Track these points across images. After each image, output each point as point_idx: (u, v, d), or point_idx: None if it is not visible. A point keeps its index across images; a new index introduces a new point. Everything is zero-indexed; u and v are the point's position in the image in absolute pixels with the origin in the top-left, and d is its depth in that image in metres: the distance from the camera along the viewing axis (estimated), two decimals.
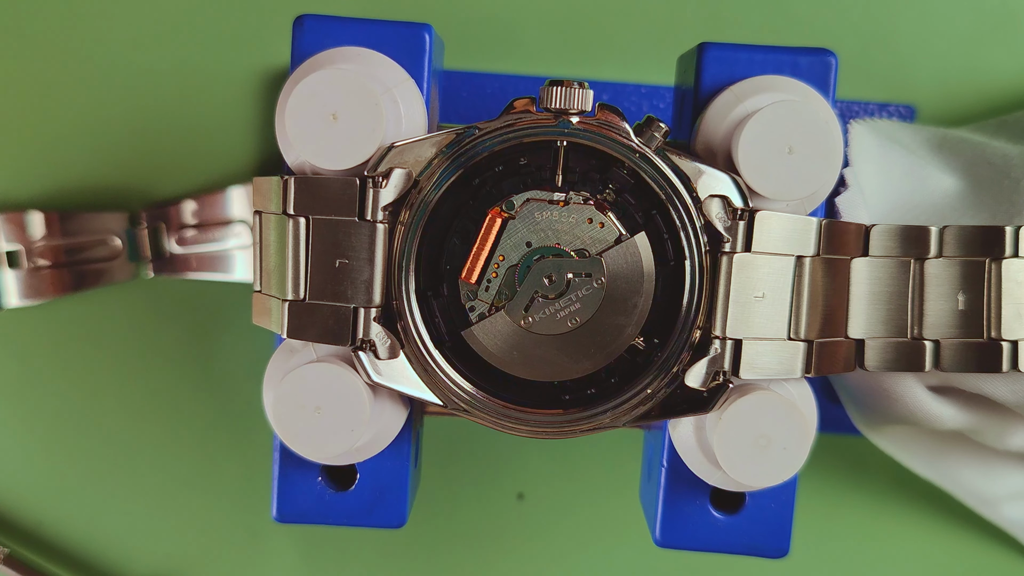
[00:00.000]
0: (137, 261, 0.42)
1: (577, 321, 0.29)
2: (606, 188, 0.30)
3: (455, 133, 0.29)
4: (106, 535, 0.43)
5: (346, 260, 0.29)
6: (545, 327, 0.30)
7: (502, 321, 0.30)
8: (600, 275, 0.29)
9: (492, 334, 0.30)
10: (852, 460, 0.43)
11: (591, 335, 0.30)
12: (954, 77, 0.41)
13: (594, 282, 0.29)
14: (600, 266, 0.29)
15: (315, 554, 0.43)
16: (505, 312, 0.29)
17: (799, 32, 0.41)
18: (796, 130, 0.29)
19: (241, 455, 0.43)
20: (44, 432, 0.43)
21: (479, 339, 0.30)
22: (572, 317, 0.29)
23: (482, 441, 0.43)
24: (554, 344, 0.30)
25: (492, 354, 0.30)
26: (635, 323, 0.30)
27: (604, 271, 0.29)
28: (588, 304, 0.29)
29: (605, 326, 0.30)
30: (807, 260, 0.30)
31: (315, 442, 0.30)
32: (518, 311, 0.29)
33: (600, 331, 0.30)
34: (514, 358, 0.30)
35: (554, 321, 0.29)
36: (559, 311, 0.29)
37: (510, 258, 0.30)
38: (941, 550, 0.43)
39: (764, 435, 0.29)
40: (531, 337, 0.30)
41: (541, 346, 0.30)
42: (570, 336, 0.30)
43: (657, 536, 0.32)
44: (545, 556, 0.44)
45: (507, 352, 0.30)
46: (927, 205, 0.34)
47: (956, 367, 0.31)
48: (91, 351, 0.43)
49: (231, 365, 0.43)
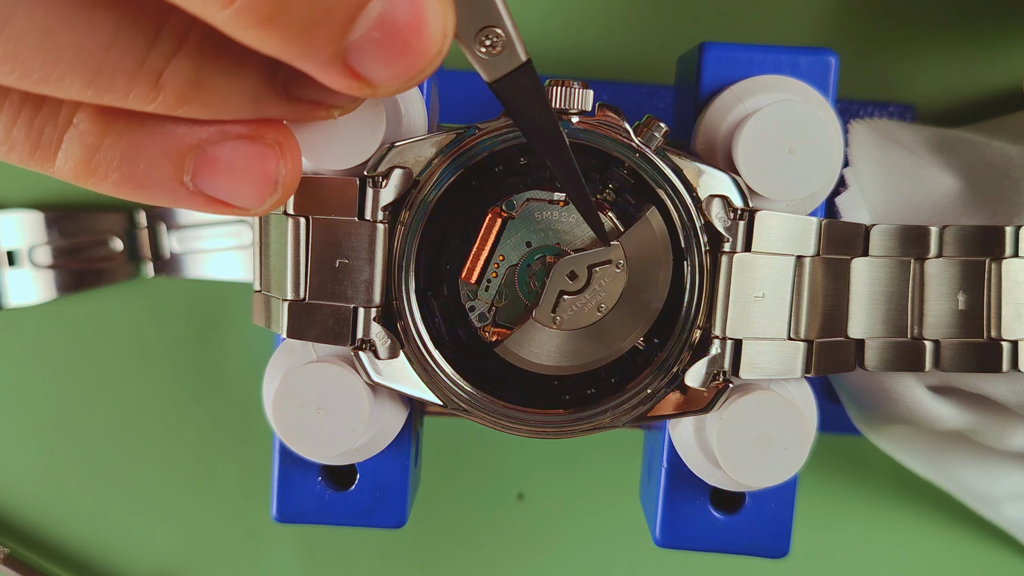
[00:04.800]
0: (137, 261, 0.42)
1: (605, 308, 0.30)
2: (606, 188, 0.30)
3: (455, 133, 0.29)
4: (106, 535, 0.43)
5: (346, 260, 0.29)
6: (575, 322, 0.30)
7: (533, 329, 0.30)
8: (619, 259, 0.29)
9: (526, 343, 0.30)
10: (852, 460, 0.43)
11: (622, 314, 0.30)
12: (954, 77, 0.41)
13: (615, 267, 0.30)
14: (619, 251, 0.29)
15: (315, 554, 0.43)
16: (535, 319, 0.30)
17: (799, 32, 0.41)
18: (796, 130, 0.29)
19: (241, 455, 0.43)
20: (44, 432, 0.43)
21: (514, 352, 0.30)
22: (599, 305, 0.30)
23: (482, 441, 0.43)
24: (589, 334, 0.30)
25: (532, 363, 0.30)
26: (659, 295, 0.30)
27: (623, 254, 0.29)
28: (613, 289, 0.30)
29: (635, 303, 0.30)
30: (807, 260, 0.30)
31: (315, 442, 0.30)
32: (546, 314, 0.30)
33: (631, 309, 0.30)
34: (555, 359, 0.30)
35: (583, 314, 0.30)
36: (586, 304, 0.30)
37: (510, 258, 0.30)
38: (941, 550, 0.43)
39: (764, 435, 0.29)
40: (565, 335, 0.30)
41: (577, 340, 0.30)
42: (600, 324, 0.30)
43: (657, 536, 0.32)
44: (545, 556, 0.44)
45: (546, 356, 0.30)
46: (927, 205, 0.34)
47: (956, 367, 0.31)
48: (91, 351, 0.43)
49: (231, 365, 0.43)
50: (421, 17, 0.21)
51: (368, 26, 0.21)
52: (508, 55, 0.25)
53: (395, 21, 0.21)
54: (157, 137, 0.24)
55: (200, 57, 0.22)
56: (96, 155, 0.24)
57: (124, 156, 0.24)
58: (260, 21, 0.20)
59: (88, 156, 0.24)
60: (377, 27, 0.21)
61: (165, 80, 0.22)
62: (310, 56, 0.21)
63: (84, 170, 0.24)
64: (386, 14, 0.21)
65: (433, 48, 0.21)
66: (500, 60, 0.25)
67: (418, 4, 0.21)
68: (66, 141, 0.24)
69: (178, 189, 0.24)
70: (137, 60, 0.22)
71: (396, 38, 0.21)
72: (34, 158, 0.24)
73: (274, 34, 0.21)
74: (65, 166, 0.24)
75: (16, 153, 0.24)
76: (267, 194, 0.25)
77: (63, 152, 0.24)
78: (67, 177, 0.24)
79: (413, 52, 0.21)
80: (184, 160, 0.24)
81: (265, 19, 0.20)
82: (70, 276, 0.42)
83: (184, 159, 0.24)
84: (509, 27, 0.25)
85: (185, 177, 0.24)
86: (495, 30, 0.25)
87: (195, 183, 0.24)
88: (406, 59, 0.21)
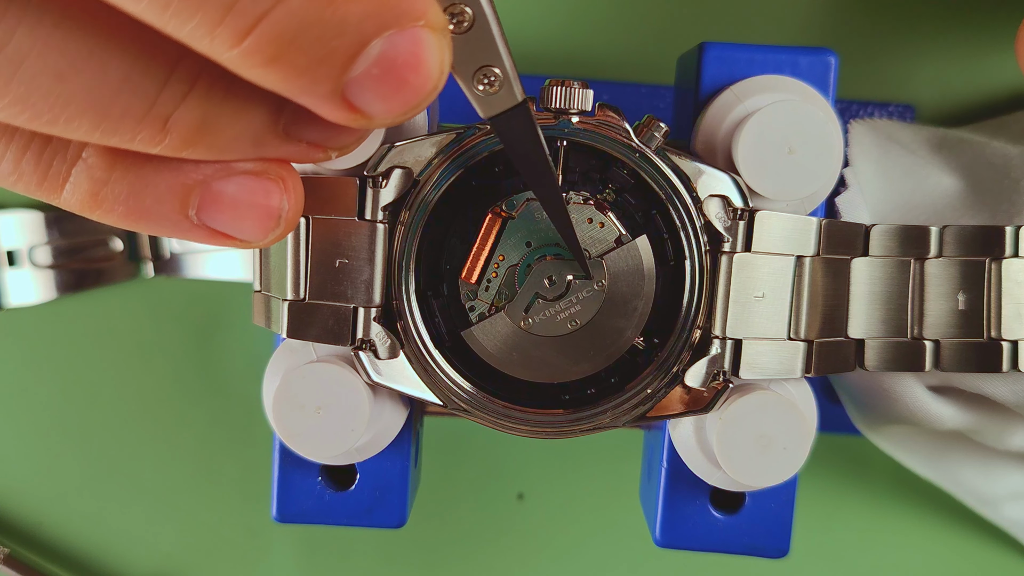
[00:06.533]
0: (137, 261, 0.42)
1: (577, 323, 0.29)
2: (606, 188, 0.30)
3: (455, 133, 0.29)
4: (106, 535, 0.43)
5: (346, 260, 0.29)
6: (545, 329, 0.29)
7: (502, 322, 0.30)
8: (601, 277, 0.29)
9: (492, 335, 0.30)
10: (852, 460, 0.43)
11: (591, 337, 0.29)
12: (954, 77, 0.41)
13: (595, 284, 0.29)
14: (601, 268, 0.29)
15: (315, 554, 0.43)
16: (505, 313, 0.29)
17: (799, 32, 0.41)
18: (796, 130, 0.29)
19: (241, 455, 0.43)
20: (44, 432, 0.43)
21: (479, 340, 0.30)
22: (572, 319, 0.29)
23: (482, 441, 0.43)
24: (553, 346, 0.30)
25: (491, 355, 0.30)
26: (635, 326, 0.29)
27: (605, 273, 0.29)
28: (588, 306, 0.29)
29: (605, 328, 0.29)
30: (807, 260, 0.30)
31: (315, 442, 0.30)
32: (518, 312, 0.29)
33: (600, 333, 0.30)
34: (513, 359, 0.30)
35: (554, 323, 0.29)
36: (559, 313, 0.29)
37: (510, 258, 0.30)
38: (941, 550, 0.43)
39: (764, 435, 0.29)
40: (530, 338, 0.29)
41: (540, 347, 0.30)
42: (570, 338, 0.29)
43: (657, 536, 0.32)
44: (545, 556, 0.44)
45: (506, 353, 0.30)
46: (927, 205, 0.34)
47: (956, 367, 0.32)
48: (91, 351, 0.43)
49: (231, 365, 0.43)
50: (420, 56, 0.22)
51: (368, 63, 0.21)
52: (505, 93, 0.25)
53: (395, 59, 0.21)
54: (164, 173, 0.24)
55: (207, 102, 0.23)
56: (103, 189, 0.24)
57: (131, 191, 0.24)
58: (266, 61, 0.21)
59: (96, 190, 0.24)
60: (377, 64, 0.21)
61: (172, 125, 0.23)
62: (311, 92, 0.22)
63: (91, 203, 0.24)
64: (386, 52, 0.21)
65: (429, 85, 0.22)
66: (497, 98, 0.25)
67: (418, 43, 0.21)
68: (74, 175, 0.24)
69: (182, 222, 0.25)
70: (146, 104, 0.22)
71: (394, 75, 0.22)
72: (41, 189, 0.24)
73: (278, 72, 0.21)
74: (72, 198, 0.24)
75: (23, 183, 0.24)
76: (270, 228, 0.25)
77: (71, 185, 0.24)
78: (73, 208, 0.24)
79: (410, 89, 0.22)
80: (190, 195, 0.24)
81: (271, 59, 0.21)
82: (70, 276, 0.42)
83: (190, 194, 0.24)
84: (508, 66, 0.25)
85: (190, 211, 0.24)
86: (493, 69, 0.25)
87: (200, 217, 0.24)
88: (403, 95, 0.22)
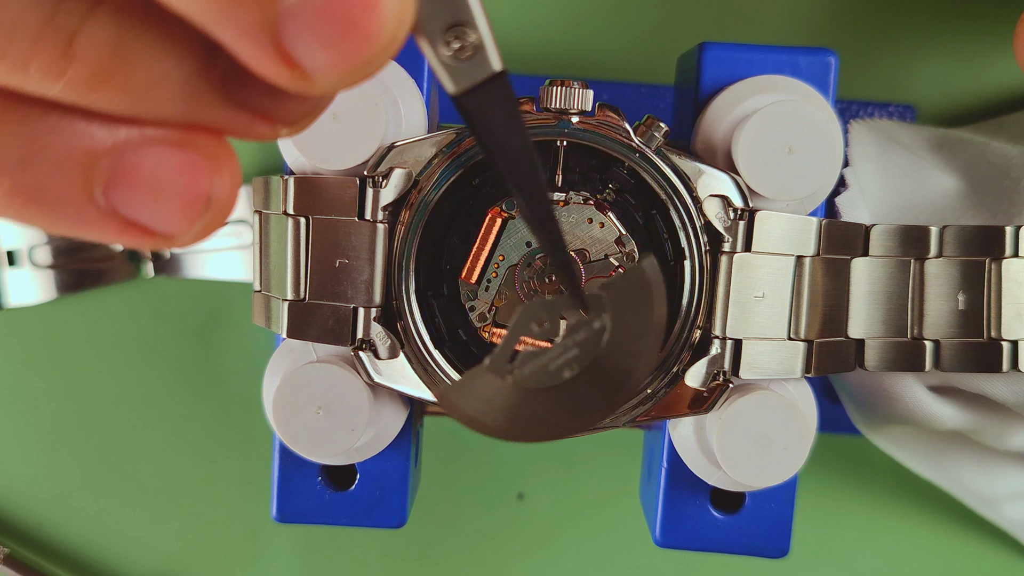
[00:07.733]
0: (137, 261, 0.42)
1: (574, 369, 0.24)
2: (606, 188, 0.30)
3: (455, 133, 0.29)
4: (106, 535, 0.43)
5: (346, 260, 0.29)
6: (536, 380, 0.24)
7: (483, 381, 0.24)
8: (600, 312, 0.24)
9: (472, 395, 0.24)
10: (852, 460, 0.43)
11: (591, 384, 0.24)
12: (954, 77, 0.41)
13: (594, 323, 0.24)
14: (599, 303, 0.24)
15: (315, 554, 0.43)
16: (487, 368, 0.24)
17: (799, 32, 0.41)
18: (796, 130, 0.29)
19: (241, 455, 0.43)
20: (44, 432, 0.43)
21: (455, 405, 0.24)
22: (568, 365, 0.24)
23: (482, 441, 0.43)
24: (548, 398, 0.24)
25: (477, 421, 0.24)
26: (644, 365, 0.24)
27: (605, 308, 0.24)
28: (587, 349, 0.24)
29: (609, 371, 0.24)
30: (807, 260, 0.30)
31: (315, 442, 0.30)
32: (501, 364, 0.24)
33: (602, 378, 0.24)
34: (499, 423, 0.24)
35: (546, 372, 0.24)
36: (552, 361, 0.24)
37: (510, 258, 0.30)
38: (941, 550, 0.43)
39: (764, 435, 0.29)
40: (519, 394, 0.24)
41: (532, 402, 0.24)
42: (567, 386, 0.24)
43: (657, 536, 0.32)
44: (545, 556, 0.44)
45: (494, 415, 0.24)
46: (927, 205, 0.34)
47: (956, 367, 0.32)
48: (91, 351, 0.43)
49: (231, 365, 0.43)
50: None
51: None
52: (479, 62, 0.20)
53: None
54: (64, 133, 0.19)
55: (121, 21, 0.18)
56: None
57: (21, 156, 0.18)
58: None
59: None
60: None
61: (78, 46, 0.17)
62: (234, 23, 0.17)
63: None
64: None
65: (385, 34, 0.17)
66: (469, 68, 0.20)
67: None
68: None
69: (85, 206, 0.19)
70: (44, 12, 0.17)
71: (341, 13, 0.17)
72: None
73: None
74: None
75: None
76: (195, 216, 0.19)
77: None
78: None
79: (360, 35, 0.17)
80: (95, 166, 0.19)
81: None
82: (70, 276, 0.42)
83: (96, 165, 0.19)
84: (483, 28, 0.20)
85: (95, 190, 0.19)
86: (466, 30, 0.20)
87: (107, 198, 0.19)
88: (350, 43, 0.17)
